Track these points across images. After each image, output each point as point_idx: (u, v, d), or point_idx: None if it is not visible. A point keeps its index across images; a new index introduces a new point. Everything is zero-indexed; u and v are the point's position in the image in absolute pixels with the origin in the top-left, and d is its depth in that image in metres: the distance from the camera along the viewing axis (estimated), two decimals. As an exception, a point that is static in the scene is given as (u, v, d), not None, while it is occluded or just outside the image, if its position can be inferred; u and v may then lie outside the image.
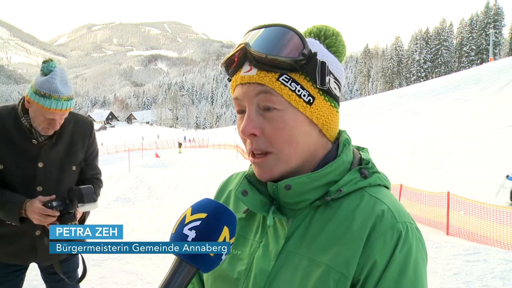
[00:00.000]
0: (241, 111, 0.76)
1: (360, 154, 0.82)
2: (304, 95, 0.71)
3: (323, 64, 0.72)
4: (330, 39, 0.78)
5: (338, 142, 0.80)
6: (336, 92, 0.76)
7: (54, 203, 1.82)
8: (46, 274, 2.15)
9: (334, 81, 0.75)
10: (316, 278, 0.69)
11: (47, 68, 1.82)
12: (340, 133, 0.83)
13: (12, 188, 1.87)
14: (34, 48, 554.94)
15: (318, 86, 0.72)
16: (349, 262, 0.68)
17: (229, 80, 0.79)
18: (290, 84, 0.71)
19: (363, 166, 0.78)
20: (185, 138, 62.31)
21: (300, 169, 0.76)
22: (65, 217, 1.83)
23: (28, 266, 2.11)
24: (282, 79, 0.70)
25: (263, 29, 0.72)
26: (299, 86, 0.71)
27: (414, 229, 0.72)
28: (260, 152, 0.74)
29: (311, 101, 0.72)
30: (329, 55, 0.76)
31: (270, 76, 0.70)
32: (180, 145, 37.44)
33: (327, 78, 0.72)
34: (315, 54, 0.71)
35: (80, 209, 1.88)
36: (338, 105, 0.78)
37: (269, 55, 0.69)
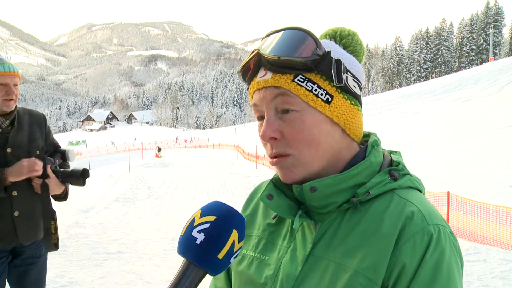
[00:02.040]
0: (261, 117, 0.75)
1: (391, 156, 0.80)
2: (321, 94, 0.71)
3: (338, 61, 0.71)
4: (346, 39, 0.77)
5: (367, 144, 0.78)
6: (356, 90, 0.75)
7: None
8: (26, 259, 2.22)
9: (353, 79, 0.74)
10: (343, 283, 0.67)
11: None
12: (369, 135, 0.81)
13: None
14: (34, 48, 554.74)
15: (335, 84, 0.71)
16: (377, 266, 0.66)
17: (247, 88, 0.79)
18: (306, 84, 0.70)
19: (393, 168, 0.75)
20: (177, 139, 61.76)
21: (325, 172, 0.74)
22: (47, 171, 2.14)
23: (9, 252, 2.18)
24: (298, 80, 0.70)
25: (276, 34, 0.73)
26: (316, 85, 0.70)
27: (448, 232, 0.68)
28: (280, 155, 0.73)
29: (330, 99, 0.71)
30: (345, 54, 0.75)
31: (285, 78, 0.70)
32: (159, 149, 36.26)
33: (344, 76, 0.71)
34: (330, 52, 0.71)
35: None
36: (360, 104, 0.77)
37: (282, 56, 0.69)
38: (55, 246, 2.23)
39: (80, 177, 2.17)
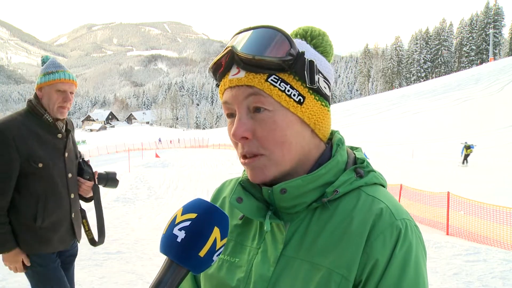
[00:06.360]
0: (231, 115, 0.75)
1: (354, 153, 0.81)
2: (294, 95, 0.70)
3: (311, 63, 0.71)
4: (316, 40, 0.77)
5: (332, 143, 0.79)
6: (326, 91, 0.75)
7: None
8: (67, 258, 2.33)
9: (324, 80, 0.74)
10: (317, 282, 0.68)
11: (46, 59, 2.26)
12: (333, 133, 0.82)
13: (51, 180, 2.12)
14: (34, 48, 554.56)
15: (307, 85, 0.71)
16: (350, 263, 0.67)
17: (217, 85, 0.78)
18: (279, 84, 0.70)
19: (358, 165, 0.77)
20: (160, 140, 61.18)
21: (294, 171, 0.74)
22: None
23: (56, 254, 2.27)
24: (271, 80, 0.70)
25: (249, 32, 0.72)
26: (289, 86, 0.70)
27: (413, 226, 0.72)
28: (252, 155, 0.73)
29: (302, 100, 0.71)
30: (317, 55, 0.75)
31: (259, 78, 0.70)
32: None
33: (316, 77, 0.71)
34: (303, 53, 0.71)
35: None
36: (329, 104, 0.77)
37: (257, 56, 0.68)
38: (92, 241, 2.39)
39: (117, 179, 2.41)
